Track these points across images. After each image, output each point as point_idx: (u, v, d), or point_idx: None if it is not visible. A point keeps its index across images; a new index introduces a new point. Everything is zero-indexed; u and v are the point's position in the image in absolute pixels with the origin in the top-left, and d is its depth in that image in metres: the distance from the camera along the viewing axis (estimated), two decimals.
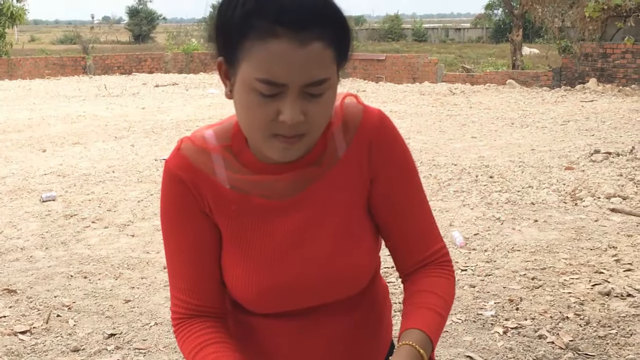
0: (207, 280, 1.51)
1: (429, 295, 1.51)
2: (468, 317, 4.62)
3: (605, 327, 4.40)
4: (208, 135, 1.50)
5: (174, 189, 1.49)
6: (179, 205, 1.49)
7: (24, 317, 4.85)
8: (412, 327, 1.45)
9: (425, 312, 1.48)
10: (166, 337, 4.48)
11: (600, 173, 8.02)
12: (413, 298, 1.52)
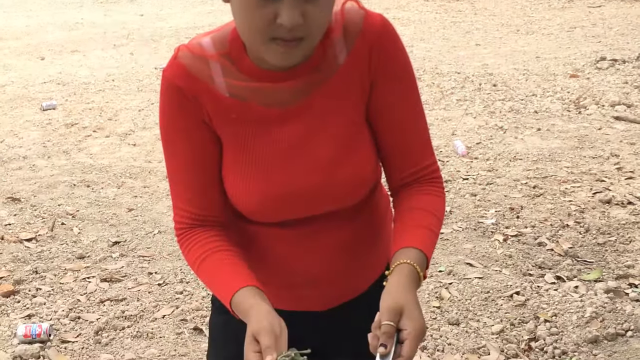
0: (209, 190, 1.51)
1: (421, 213, 1.51)
2: (469, 225, 4.66)
3: (605, 234, 4.44)
4: (205, 43, 1.46)
5: (173, 98, 1.46)
6: (178, 115, 1.47)
7: (29, 225, 4.90)
8: (408, 245, 1.45)
9: (420, 231, 1.48)
10: (169, 245, 4.53)
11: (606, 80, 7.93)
12: (405, 216, 1.52)
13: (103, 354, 3.43)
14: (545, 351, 3.36)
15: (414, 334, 1.31)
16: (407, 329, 1.32)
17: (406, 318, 1.33)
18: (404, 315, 1.33)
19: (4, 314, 3.80)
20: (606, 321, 3.53)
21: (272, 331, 1.30)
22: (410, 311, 1.34)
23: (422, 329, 1.33)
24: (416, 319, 1.33)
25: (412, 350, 1.31)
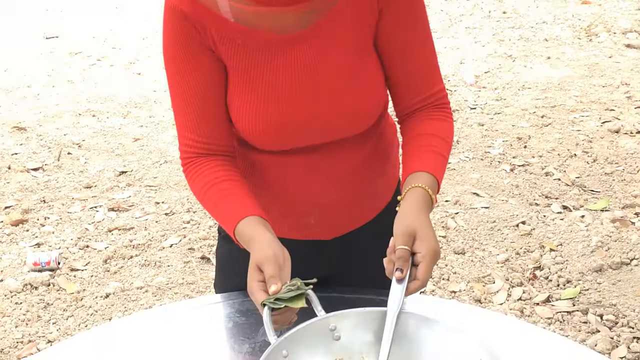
0: (214, 118, 1.49)
1: (432, 138, 1.49)
2: (476, 155, 4.64)
3: (613, 163, 4.42)
4: None
5: (177, 24, 1.43)
6: (182, 42, 1.44)
7: (35, 155, 4.90)
8: (419, 169, 1.44)
9: (430, 155, 1.47)
10: (176, 174, 4.53)
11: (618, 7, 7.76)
12: (415, 141, 1.50)
13: (112, 282, 3.47)
14: (550, 280, 3.39)
15: (428, 256, 1.31)
16: (420, 252, 1.31)
17: (419, 241, 1.32)
18: (417, 239, 1.32)
19: (13, 242, 3.84)
20: (611, 250, 3.54)
21: (275, 260, 1.30)
22: (423, 234, 1.33)
23: (435, 251, 1.32)
24: (429, 241, 1.32)
25: (427, 272, 1.30)
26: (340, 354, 1.23)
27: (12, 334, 3.07)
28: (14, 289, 3.38)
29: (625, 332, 3.01)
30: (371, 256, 1.69)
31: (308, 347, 1.21)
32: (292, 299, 1.25)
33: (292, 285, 1.27)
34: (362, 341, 1.24)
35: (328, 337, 1.23)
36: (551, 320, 3.13)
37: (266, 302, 1.24)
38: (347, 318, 1.24)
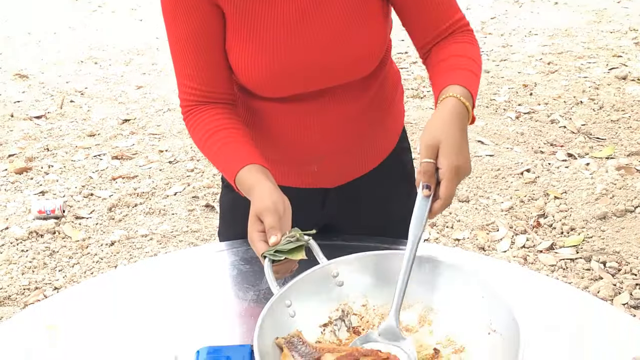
0: (213, 65, 1.46)
1: (460, 58, 1.42)
2: (481, 103, 4.60)
3: (619, 111, 4.38)
4: None
5: None
6: None
7: (38, 103, 4.88)
8: (452, 83, 1.34)
9: (461, 72, 1.38)
10: (179, 122, 4.52)
11: None
12: (442, 64, 1.43)
13: (117, 230, 3.49)
14: (554, 227, 3.39)
15: (449, 172, 1.21)
16: (442, 168, 1.22)
17: (442, 155, 1.22)
18: (440, 153, 1.23)
19: (18, 190, 3.85)
20: (616, 198, 3.53)
21: (275, 210, 1.28)
22: (447, 147, 1.23)
23: (457, 167, 1.22)
24: (453, 155, 1.22)
25: (449, 189, 1.21)
26: (344, 300, 1.23)
27: (19, 281, 3.10)
28: (19, 237, 3.40)
29: (628, 279, 3.02)
30: (375, 204, 1.68)
31: (311, 295, 1.21)
32: (291, 251, 1.24)
33: (292, 237, 1.26)
34: (364, 285, 1.24)
35: (331, 284, 1.23)
36: (554, 267, 3.14)
37: (266, 254, 1.24)
38: (349, 264, 1.24)
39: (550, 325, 1.44)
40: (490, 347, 1.12)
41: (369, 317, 1.22)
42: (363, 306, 1.23)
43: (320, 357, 1.10)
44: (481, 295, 1.18)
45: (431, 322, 1.20)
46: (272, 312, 1.13)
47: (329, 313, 1.21)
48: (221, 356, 1.20)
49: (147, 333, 1.39)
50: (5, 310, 2.93)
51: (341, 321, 1.21)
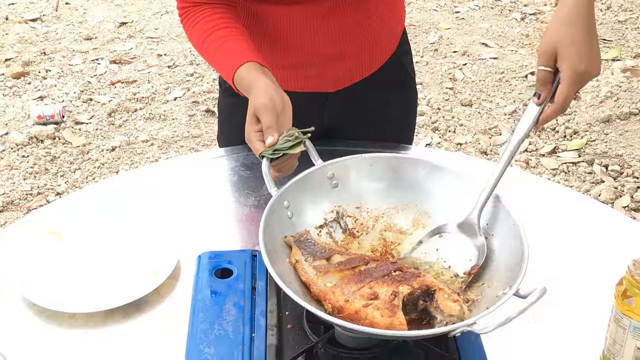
0: None
1: None
2: (486, 4, 4.50)
3: (627, 11, 4.28)
4: None
5: None
6: None
7: (33, 5, 4.77)
8: None
9: None
10: (178, 25, 4.42)
11: None
12: None
13: (117, 136, 3.47)
14: (557, 131, 3.37)
15: (568, 76, 1.13)
16: (562, 72, 1.14)
17: (561, 60, 1.14)
18: (559, 56, 1.14)
19: (16, 95, 3.81)
20: (620, 100, 3.50)
21: (273, 108, 1.24)
22: (565, 50, 1.14)
23: (579, 70, 1.13)
24: (574, 57, 1.13)
25: (565, 95, 1.14)
26: (339, 201, 1.22)
27: (21, 187, 3.11)
28: (19, 142, 3.39)
29: (630, 182, 3.02)
30: (375, 107, 1.66)
31: (308, 196, 1.20)
32: (290, 148, 1.23)
33: (290, 136, 1.24)
34: (359, 187, 1.24)
35: (327, 185, 1.22)
36: (556, 171, 3.14)
37: (264, 154, 1.22)
38: (344, 165, 1.23)
39: (551, 229, 1.45)
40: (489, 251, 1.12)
41: (363, 219, 1.22)
42: (357, 208, 1.23)
43: (329, 257, 1.11)
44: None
45: (426, 225, 1.20)
46: (272, 212, 1.12)
47: (324, 215, 1.21)
48: (222, 261, 1.20)
49: (149, 238, 1.39)
50: (8, 215, 2.95)
51: (336, 223, 1.21)
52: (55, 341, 1.21)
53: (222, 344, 1.04)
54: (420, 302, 1.01)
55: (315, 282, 1.07)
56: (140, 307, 1.26)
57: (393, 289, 1.02)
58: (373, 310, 0.99)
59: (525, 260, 1.02)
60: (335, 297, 1.03)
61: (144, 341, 1.20)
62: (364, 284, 1.04)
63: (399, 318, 0.97)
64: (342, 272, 1.08)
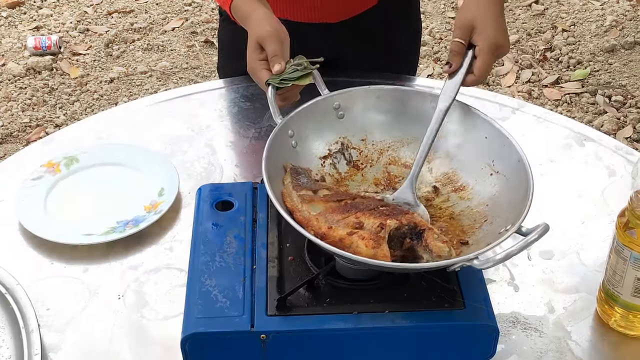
0: None
1: None
2: None
3: None
4: None
5: None
6: None
7: None
8: None
9: None
10: None
11: None
12: None
13: (115, 67, 3.43)
14: (560, 61, 3.33)
15: (486, 50, 1.19)
16: (478, 45, 1.20)
17: (477, 34, 1.20)
18: (475, 31, 1.20)
19: (12, 25, 3.75)
20: (625, 30, 3.44)
21: (277, 37, 1.21)
22: (482, 26, 1.20)
23: (495, 44, 1.20)
24: (489, 33, 1.20)
25: (484, 66, 1.19)
26: (344, 133, 1.21)
27: (20, 119, 3.09)
28: (17, 74, 3.35)
29: (633, 112, 3.00)
30: (378, 39, 1.63)
31: (313, 126, 1.19)
32: (298, 78, 1.21)
33: (298, 65, 1.22)
34: (364, 119, 1.22)
35: (332, 116, 1.21)
36: (559, 102, 3.12)
37: (271, 81, 1.20)
38: (351, 96, 1.21)
39: (552, 159, 1.44)
40: (493, 188, 1.12)
41: (367, 152, 1.21)
42: (362, 140, 1.22)
43: (317, 190, 1.10)
44: (485, 135, 1.15)
45: (431, 160, 1.19)
46: (276, 140, 1.11)
47: (328, 145, 1.20)
48: (223, 193, 1.20)
49: (148, 171, 1.39)
50: (8, 147, 2.94)
51: (340, 154, 1.20)
52: (57, 273, 1.21)
53: (223, 276, 1.04)
54: (407, 240, 1.00)
55: (299, 208, 1.06)
56: (141, 239, 1.27)
57: (380, 221, 1.00)
58: (357, 239, 0.98)
59: (529, 197, 1.01)
60: (319, 224, 1.02)
61: (145, 273, 1.21)
62: (350, 214, 1.03)
63: (383, 250, 0.96)
64: (327, 202, 1.07)
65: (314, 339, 0.98)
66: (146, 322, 1.13)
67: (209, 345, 0.98)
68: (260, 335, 0.97)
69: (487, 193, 1.12)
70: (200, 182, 1.31)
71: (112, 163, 1.42)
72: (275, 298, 1.00)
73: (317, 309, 1.00)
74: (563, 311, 1.14)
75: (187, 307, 1.01)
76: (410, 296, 1.02)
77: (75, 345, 1.09)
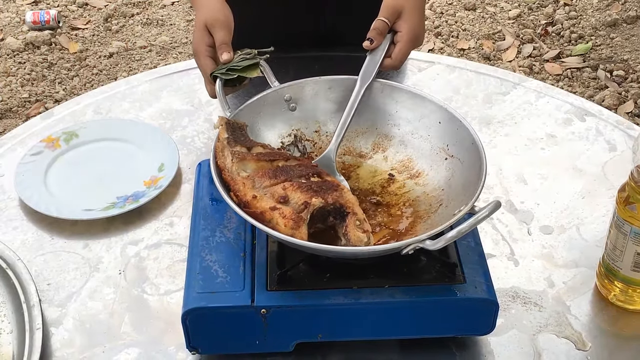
0: None
1: None
2: None
3: None
4: None
5: None
6: None
7: None
8: None
9: None
10: None
11: None
12: None
13: (114, 41, 3.41)
14: (562, 36, 3.31)
15: (407, 37, 1.23)
16: (401, 31, 1.23)
17: (403, 20, 1.23)
18: (401, 18, 1.23)
19: (10, 0, 3.72)
20: (628, 4, 3.42)
21: (228, 24, 1.19)
22: (409, 14, 1.24)
23: (416, 35, 1.24)
24: (413, 23, 1.24)
25: (402, 53, 1.22)
26: (297, 125, 1.19)
27: (19, 94, 3.08)
28: (15, 49, 3.34)
29: (634, 87, 2.99)
30: (375, 12, 1.61)
31: (265, 118, 1.16)
32: (245, 69, 1.17)
33: (247, 54, 1.18)
34: (318, 110, 1.21)
35: (284, 108, 1.19)
36: (560, 77, 3.10)
37: (217, 73, 1.16)
38: (301, 88, 1.19)
39: (552, 134, 1.43)
40: (448, 172, 1.11)
41: (321, 143, 1.20)
42: (316, 132, 1.20)
43: (251, 147, 1.08)
44: (438, 120, 1.15)
45: (386, 148, 1.18)
46: None
47: (281, 138, 1.19)
48: None
49: (148, 146, 1.38)
50: (7, 122, 2.94)
51: (294, 146, 1.19)
52: (58, 248, 1.21)
53: (223, 251, 1.04)
54: (330, 219, 1.00)
55: (228, 168, 1.04)
56: (142, 214, 1.27)
57: (306, 199, 0.99)
58: (278, 216, 0.97)
59: (482, 178, 1.01)
60: (244, 190, 1.01)
61: (145, 248, 1.21)
62: (278, 180, 1.02)
63: (301, 232, 0.95)
64: (259, 162, 1.05)
65: (314, 313, 0.99)
66: (147, 297, 1.13)
67: (209, 320, 0.98)
68: (260, 310, 0.97)
69: (442, 178, 1.11)
70: (200, 158, 1.31)
71: (111, 138, 1.41)
72: (276, 273, 1.00)
73: (317, 284, 1.00)
74: (563, 286, 1.14)
75: (187, 282, 1.01)
76: (410, 271, 1.02)
77: (76, 320, 1.10)
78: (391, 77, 1.54)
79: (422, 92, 1.18)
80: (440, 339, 1.04)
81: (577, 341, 1.06)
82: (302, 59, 1.53)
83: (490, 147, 1.37)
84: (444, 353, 1.04)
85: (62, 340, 1.07)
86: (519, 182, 1.33)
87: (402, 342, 1.04)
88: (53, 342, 1.06)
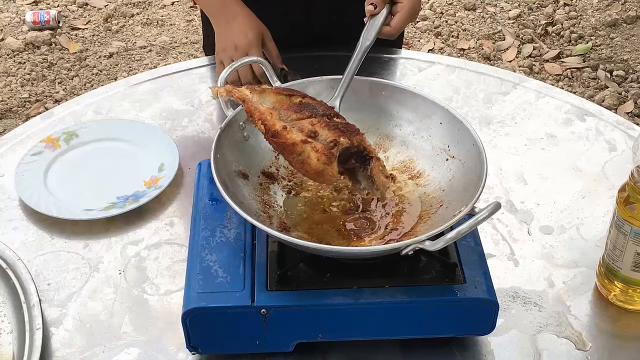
0: None
1: None
2: None
3: None
4: None
5: None
6: None
7: None
8: None
9: None
10: None
11: None
12: None
13: (114, 41, 3.41)
14: (562, 36, 3.31)
15: (407, 7, 1.29)
16: (402, 2, 1.29)
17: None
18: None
19: (10, 0, 3.72)
20: (628, 4, 3.42)
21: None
22: None
23: (415, 8, 1.31)
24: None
25: (400, 23, 1.29)
26: None
27: (19, 94, 3.08)
28: (15, 49, 3.33)
29: (634, 87, 2.99)
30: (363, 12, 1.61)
31: None
32: None
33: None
34: None
35: None
36: (560, 77, 3.10)
37: None
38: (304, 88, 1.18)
39: (552, 134, 1.43)
40: (449, 173, 1.11)
41: None
42: None
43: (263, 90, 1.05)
44: (440, 121, 1.15)
45: (387, 148, 1.18)
46: (227, 132, 1.09)
47: None
48: None
49: (148, 146, 1.38)
50: (7, 122, 2.94)
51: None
52: (58, 248, 1.21)
53: (223, 251, 1.04)
54: (351, 161, 0.98)
55: (250, 98, 1.02)
56: (142, 214, 1.26)
57: (335, 137, 0.97)
58: (311, 150, 0.96)
59: (482, 180, 1.00)
60: (273, 120, 0.99)
61: (145, 248, 1.21)
62: (304, 115, 1.00)
63: (332, 168, 0.94)
64: (278, 95, 1.03)
65: (314, 313, 0.99)
66: (147, 297, 1.13)
67: (209, 320, 0.98)
68: (260, 310, 0.97)
69: (443, 178, 1.11)
70: (200, 158, 1.30)
71: (111, 138, 1.41)
72: (276, 273, 1.00)
73: (317, 284, 1.00)
74: (563, 286, 1.14)
75: (187, 282, 1.01)
76: (410, 271, 1.02)
77: (76, 320, 1.09)
78: (391, 77, 1.55)
79: (424, 93, 1.18)
80: (440, 339, 1.04)
81: (577, 341, 1.06)
82: (302, 59, 1.53)
83: (490, 147, 1.37)
84: (444, 353, 1.04)
85: (62, 340, 1.07)
86: (519, 182, 1.33)
87: (402, 342, 1.04)
88: (53, 342, 1.06)
